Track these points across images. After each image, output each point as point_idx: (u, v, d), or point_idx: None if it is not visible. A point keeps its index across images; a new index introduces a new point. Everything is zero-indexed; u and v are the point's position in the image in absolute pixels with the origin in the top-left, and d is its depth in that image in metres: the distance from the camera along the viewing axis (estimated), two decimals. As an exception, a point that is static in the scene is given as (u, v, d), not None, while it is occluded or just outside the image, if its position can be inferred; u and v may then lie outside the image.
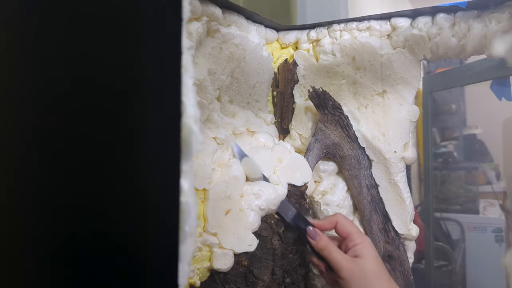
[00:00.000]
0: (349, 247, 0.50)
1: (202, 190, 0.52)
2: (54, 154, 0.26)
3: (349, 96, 0.65)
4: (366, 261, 0.48)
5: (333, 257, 0.49)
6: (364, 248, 0.49)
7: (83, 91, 0.26)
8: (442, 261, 1.45)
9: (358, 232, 0.51)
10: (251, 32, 0.60)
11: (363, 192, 0.63)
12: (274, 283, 0.53)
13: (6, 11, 0.28)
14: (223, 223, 0.51)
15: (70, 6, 0.26)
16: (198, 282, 0.49)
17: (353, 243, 0.50)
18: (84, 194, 0.26)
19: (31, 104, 0.27)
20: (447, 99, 2.06)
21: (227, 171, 0.54)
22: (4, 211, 0.27)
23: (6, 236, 0.27)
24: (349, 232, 0.51)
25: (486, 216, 1.71)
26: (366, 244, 0.50)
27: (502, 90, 0.60)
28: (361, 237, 0.50)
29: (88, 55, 0.26)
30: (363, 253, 0.49)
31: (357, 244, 0.50)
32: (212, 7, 0.51)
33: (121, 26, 0.26)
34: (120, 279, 0.25)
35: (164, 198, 0.24)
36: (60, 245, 0.26)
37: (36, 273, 0.27)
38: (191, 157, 0.23)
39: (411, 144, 0.62)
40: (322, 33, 0.64)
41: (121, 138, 0.25)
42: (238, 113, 0.61)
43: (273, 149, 0.60)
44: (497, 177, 1.88)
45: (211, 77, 0.55)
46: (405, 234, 0.63)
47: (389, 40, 0.60)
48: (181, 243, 0.22)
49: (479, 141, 2.03)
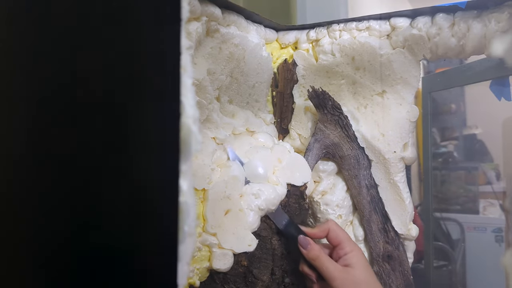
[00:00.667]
0: (340, 256, 0.50)
1: (202, 190, 0.52)
2: (53, 154, 0.26)
3: (349, 96, 0.65)
4: (357, 271, 0.48)
5: (325, 267, 0.48)
6: (355, 257, 0.49)
7: (83, 91, 0.26)
8: (442, 261, 1.45)
9: (349, 240, 0.51)
10: (250, 32, 0.60)
11: (363, 192, 0.63)
12: (274, 283, 0.53)
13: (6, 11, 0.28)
14: (223, 223, 0.51)
15: (70, 6, 0.26)
16: (198, 282, 0.49)
17: (344, 252, 0.50)
18: (83, 194, 0.26)
19: (31, 104, 0.27)
20: (447, 99, 2.06)
21: (226, 171, 0.54)
22: (3, 211, 0.27)
23: (5, 236, 0.27)
24: (340, 240, 0.51)
25: (486, 216, 1.71)
26: (356, 252, 0.50)
27: (502, 90, 0.60)
28: (351, 246, 0.50)
29: (87, 55, 0.26)
30: (353, 262, 0.49)
31: (348, 252, 0.50)
32: (211, 7, 0.51)
33: (120, 26, 0.26)
34: (120, 279, 0.25)
35: (163, 198, 0.24)
36: (59, 245, 0.26)
37: (36, 273, 0.27)
38: (190, 157, 0.23)
39: (411, 144, 0.62)
40: (321, 33, 0.64)
41: (120, 138, 0.25)
42: (238, 113, 0.61)
43: (273, 149, 0.60)
44: (497, 177, 1.88)
45: (211, 77, 0.55)
46: (405, 234, 0.63)
47: (388, 40, 0.60)
48: (180, 243, 0.22)
49: (479, 141, 2.03)
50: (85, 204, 0.26)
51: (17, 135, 0.27)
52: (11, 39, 0.28)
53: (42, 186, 0.27)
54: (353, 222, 0.65)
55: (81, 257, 0.26)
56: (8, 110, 0.28)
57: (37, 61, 0.27)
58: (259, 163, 0.56)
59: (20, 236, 0.27)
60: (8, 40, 0.28)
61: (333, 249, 0.52)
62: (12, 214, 0.27)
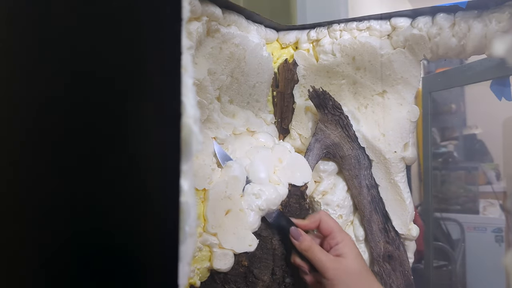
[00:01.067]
0: (331, 245, 0.50)
1: (202, 190, 0.52)
2: (53, 154, 0.26)
3: (349, 96, 0.65)
4: (349, 260, 0.48)
5: (317, 258, 0.49)
6: (346, 247, 0.49)
7: (83, 91, 0.26)
8: (442, 261, 1.45)
9: (340, 230, 0.51)
10: (251, 32, 0.60)
11: (363, 192, 0.63)
12: (274, 283, 0.53)
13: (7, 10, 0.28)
14: (223, 223, 0.51)
15: (70, 6, 0.26)
16: (198, 282, 0.49)
17: (335, 241, 0.50)
18: (83, 194, 0.26)
19: (31, 104, 0.27)
20: (447, 99, 2.06)
21: (227, 171, 0.54)
22: (4, 210, 0.27)
23: (5, 235, 0.27)
24: (331, 230, 0.51)
25: (486, 216, 1.71)
26: (347, 242, 0.50)
27: (502, 90, 0.60)
28: (342, 235, 0.50)
29: (88, 55, 0.26)
30: (345, 252, 0.49)
31: (339, 242, 0.50)
32: (212, 7, 0.51)
33: (120, 26, 0.25)
34: (120, 279, 0.25)
35: (164, 198, 0.24)
36: (60, 245, 0.26)
37: (36, 273, 0.27)
38: (191, 157, 0.23)
39: (411, 144, 0.62)
40: (322, 33, 0.64)
41: (121, 138, 0.25)
42: (238, 113, 0.61)
43: (273, 149, 0.60)
44: (497, 177, 1.88)
45: (211, 77, 0.55)
46: (405, 234, 0.63)
47: (389, 40, 0.60)
48: (181, 243, 0.22)
49: (479, 141, 2.03)
50: (85, 204, 0.26)
51: (17, 136, 0.27)
52: (11, 39, 0.28)
53: (42, 186, 0.26)
54: (353, 222, 0.65)
55: (81, 257, 0.25)
56: (8, 110, 0.28)
57: (36, 61, 0.27)
58: (259, 163, 0.56)
59: (21, 237, 0.27)
60: (8, 40, 0.28)
61: (324, 239, 0.52)
62: (13, 214, 0.27)
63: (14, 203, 0.27)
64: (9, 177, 0.27)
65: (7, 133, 0.28)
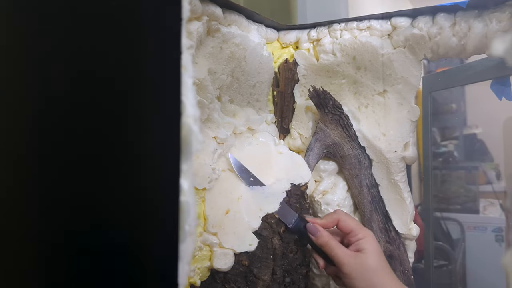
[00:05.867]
0: (352, 242, 0.50)
1: (202, 189, 0.52)
2: (54, 154, 0.26)
3: (350, 95, 0.65)
4: (369, 255, 0.48)
5: (335, 252, 0.49)
6: (367, 243, 0.49)
7: (83, 91, 0.26)
8: (442, 261, 1.45)
9: (361, 226, 0.51)
10: (251, 31, 0.60)
11: (364, 192, 0.63)
12: (275, 282, 0.53)
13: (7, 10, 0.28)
14: (223, 223, 0.51)
15: (71, 6, 0.26)
16: (199, 282, 0.49)
17: (356, 238, 0.50)
18: (84, 194, 0.26)
19: (32, 104, 0.27)
20: (447, 99, 2.06)
21: (227, 171, 0.54)
22: (4, 209, 0.27)
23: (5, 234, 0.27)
24: (351, 228, 0.51)
25: (486, 215, 1.71)
26: (369, 238, 0.50)
27: (502, 89, 0.60)
28: (363, 232, 0.50)
29: (88, 54, 0.26)
30: (365, 248, 0.48)
31: (360, 238, 0.49)
32: (212, 6, 0.51)
33: (121, 25, 0.26)
34: (120, 278, 0.25)
35: (164, 197, 0.24)
36: (60, 244, 0.26)
37: (36, 272, 0.27)
38: (191, 156, 0.23)
39: (412, 144, 0.62)
40: (322, 32, 0.64)
41: (121, 137, 0.25)
42: (239, 112, 0.61)
43: (273, 149, 0.60)
44: (497, 176, 1.88)
45: (212, 77, 0.55)
46: (406, 233, 0.63)
47: (389, 40, 0.60)
48: (181, 242, 0.22)
49: (480, 141, 2.03)
50: (86, 203, 0.26)
51: (18, 135, 0.27)
52: (11, 39, 0.28)
53: (44, 185, 0.27)
54: (353, 222, 0.65)
55: (82, 256, 0.26)
56: (8, 110, 0.28)
57: (37, 62, 0.27)
58: (259, 163, 0.56)
59: (23, 236, 0.27)
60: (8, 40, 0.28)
61: (345, 236, 0.52)
62: (15, 214, 0.27)
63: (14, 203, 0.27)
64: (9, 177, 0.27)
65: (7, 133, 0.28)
